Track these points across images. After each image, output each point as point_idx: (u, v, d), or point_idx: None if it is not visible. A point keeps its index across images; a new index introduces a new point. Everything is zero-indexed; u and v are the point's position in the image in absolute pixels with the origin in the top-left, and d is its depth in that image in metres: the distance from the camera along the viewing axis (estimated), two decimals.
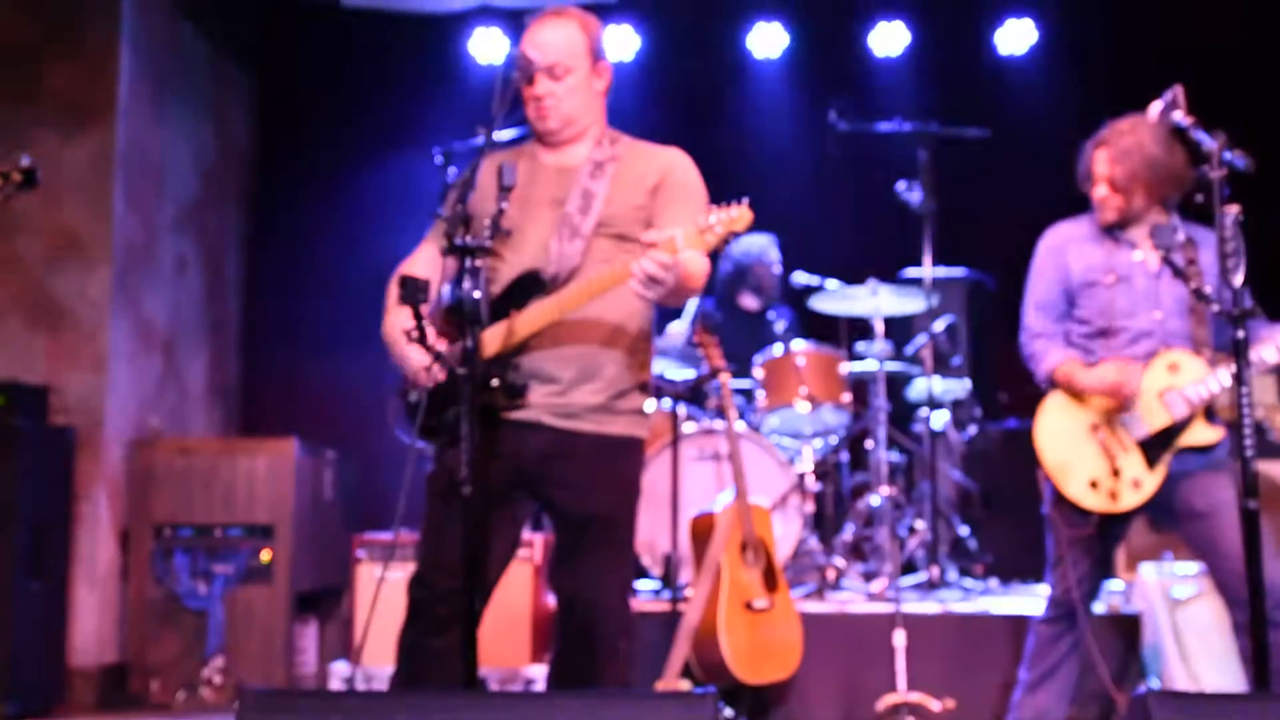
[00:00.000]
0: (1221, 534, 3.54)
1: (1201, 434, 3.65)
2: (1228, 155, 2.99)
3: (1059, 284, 3.83)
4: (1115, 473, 3.65)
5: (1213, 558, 3.63)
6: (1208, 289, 3.50)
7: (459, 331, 2.87)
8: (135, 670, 5.38)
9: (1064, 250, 3.84)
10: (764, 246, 6.37)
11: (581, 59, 3.16)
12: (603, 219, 3.08)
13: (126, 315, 5.65)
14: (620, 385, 3.11)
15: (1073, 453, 3.71)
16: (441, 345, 2.94)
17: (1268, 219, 6.04)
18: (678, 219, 3.00)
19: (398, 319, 3.03)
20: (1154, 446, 3.64)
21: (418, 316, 3.02)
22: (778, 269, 6.31)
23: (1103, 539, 3.75)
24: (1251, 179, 3.12)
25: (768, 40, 7.20)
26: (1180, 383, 3.64)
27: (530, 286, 3.03)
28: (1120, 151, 3.72)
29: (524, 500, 3.16)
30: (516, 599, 4.91)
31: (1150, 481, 3.63)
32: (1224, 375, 3.58)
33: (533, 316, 2.99)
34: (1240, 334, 2.82)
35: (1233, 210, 2.87)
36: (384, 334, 3.14)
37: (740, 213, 2.86)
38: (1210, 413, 3.66)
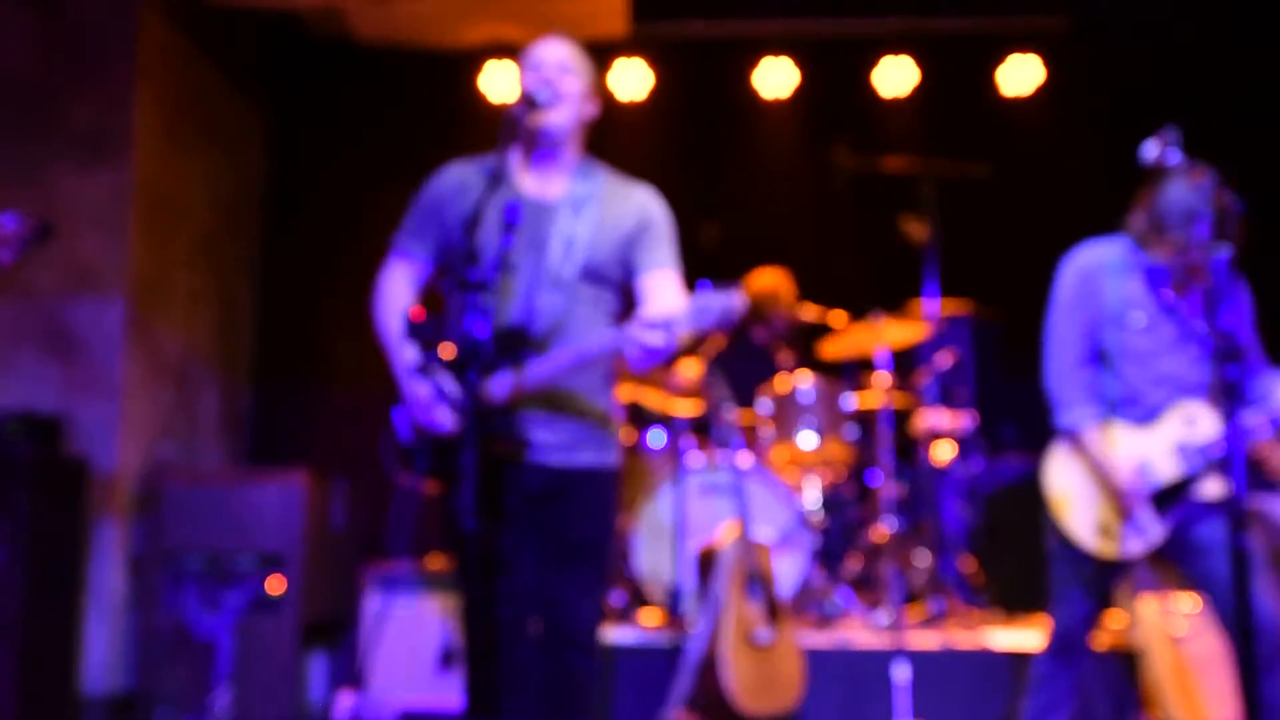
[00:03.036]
0: (1224, 569, 3.48)
1: (1213, 487, 3.59)
2: (1223, 194, 3.03)
3: (1089, 313, 3.70)
4: (1124, 517, 3.63)
5: (1215, 592, 3.61)
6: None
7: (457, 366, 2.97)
8: (144, 699, 5.40)
9: (1096, 276, 3.71)
10: (775, 282, 6.43)
11: (584, 76, 3.27)
12: (585, 266, 3.18)
13: (140, 346, 5.71)
14: (600, 419, 3.26)
15: (1082, 498, 3.68)
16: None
17: (1266, 258, 6.10)
18: (661, 257, 3.22)
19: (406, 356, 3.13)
20: (1164, 498, 3.61)
21: (421, 350, 3.10)
22: (790, 304, 6.37)
23: (1107, 577, 3.76)
24: (1250, 218, 3.15)
25: (776, 78, 7.26)
26: (1196, 437, 3.60)
27: (519, 342, 3.10)
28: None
29: (529, 529, 3.23)
30: None
31: (1159, 529, 3.61)
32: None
33: (537, 376, 3.07)
34: (1231, 371, 2.84)
35: (1223, 249, 2.89)
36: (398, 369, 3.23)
37: (735, 295, 2.88)
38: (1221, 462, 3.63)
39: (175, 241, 6.10)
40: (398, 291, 3.32)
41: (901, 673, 4.59)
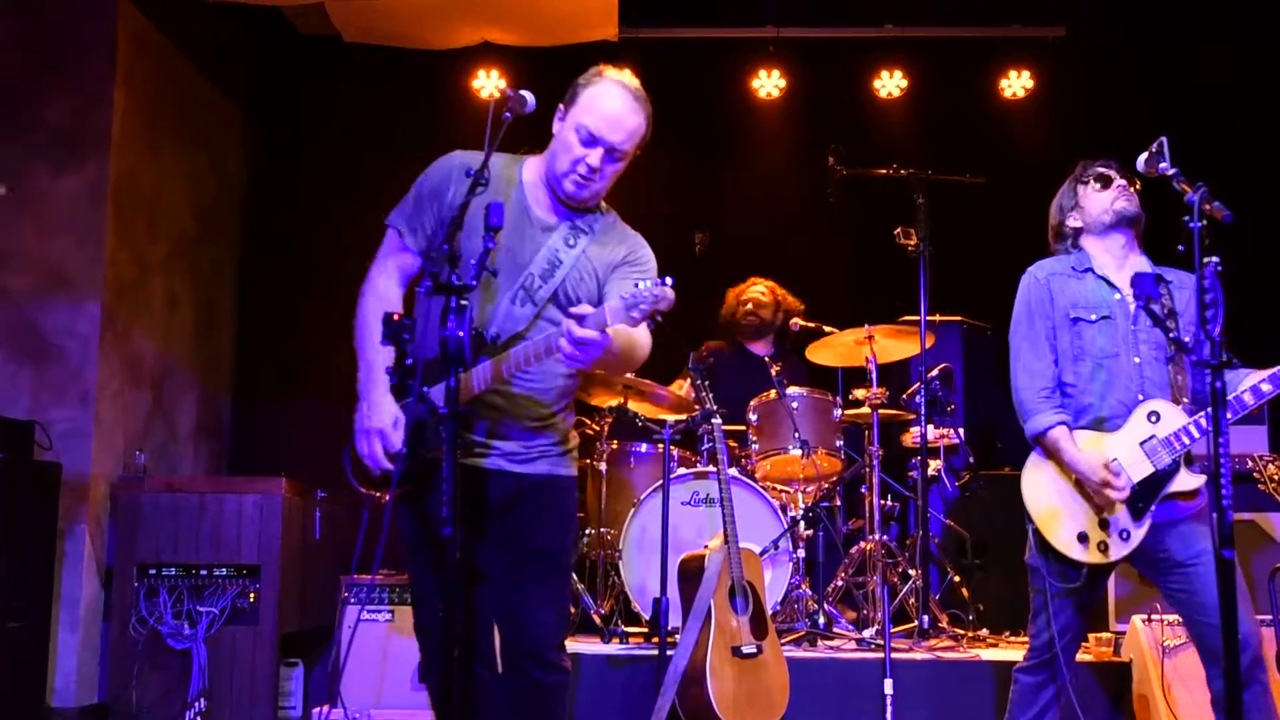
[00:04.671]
0: (1200, 586, 3.52)
1: (1184, 481, 3.62)
2: (1213, 204, 2.99)
3: (1047, 319, 3.79)
4: (1103, 524, 3.63)
5: (1190, 610, 3.60)
6: (1187, 338, 3.52)
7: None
8: (117, 711, 5.30)
9: (1048, 285, 3.82)
10: (748, 284, 6.39)
11: (634, 150, 3.23)
12: (560, 292, 3.16)
13: (115, 351, 5.62)
14: (563, 428, 3.26)
15: (1060, 505, 3.69)
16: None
17: (1261, 259, 6.08)
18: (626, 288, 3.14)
19: (380, 413, 3.10)
20: (1139, 496, 3.62)
21: (401, 356, 3.04)
22: (780, 314, 6.32)
23: (1087, 588, 3.72)
24: (1245, 219, 3.12)
25: (768, 83, 7.22)
26: (1161, 432, 3.62)
27: (477, 348, 3.01)
28: None
29: (493, 537, 3.20)
30: None
31: (1138, 532, 3.61)
32: (1204, 421, 3.55)
33: (482, 377, 3.03)
34: (1219, 385, 2.80)
35: (1212, 260, 2.86)
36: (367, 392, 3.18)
37: (663, 292, 2.81)
38: (1190, 460, 3.63)
39: (153, 244, 6.01)
40: (389, 291, 3.25)
41: (888, 686, 4.52)
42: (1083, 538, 3.63)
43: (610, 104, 3.15)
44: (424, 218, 3.23)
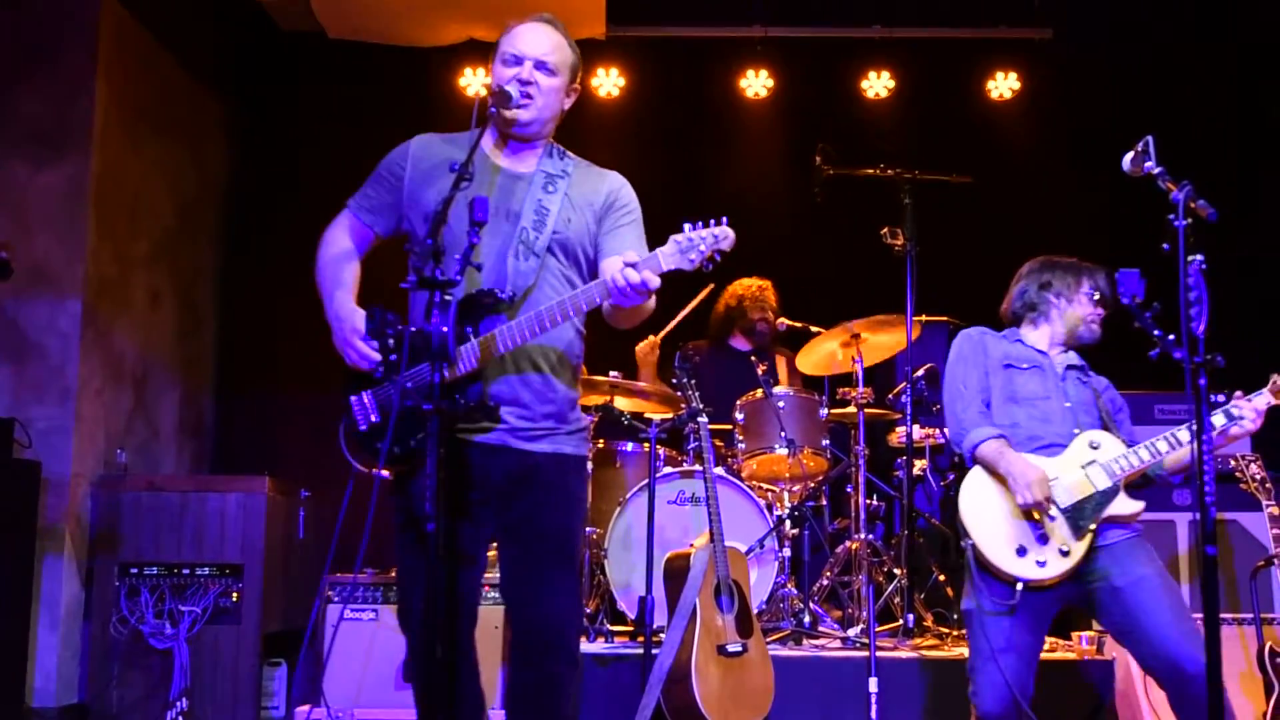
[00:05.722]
0: (1141, 613, 3.54)
1: (1124, 505, 3.68)
2: (1198, 203, 2.99)
3: (980, 366, 3.91)
4: (1042, 539, 3.64)
5: (1131, 641, 3.61)
6: (1118, 430, 3.80)
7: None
8: (97, 712, 5.26)
9: (981, 338, 3.98)
10: (760, 288, 6.38)
11: (567, 70, 3.25)
12: (556, 237, 3.13)
13: (96, 349, 5.57)
14: (568, 406, 3.20)
15: (1000, 521, 3.70)
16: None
17: (1249, 258, 6.09)
18: (627, 242, 3.16)
19: (352, 319, 3.12)
20: (1079, 516, 3.66)
21: (385, 350, 3.03)
22: (772, 312, 6.32)
23: (1030, 622, 3.65)
24: (1231, 220, 3.12)
25: (756, 82, 7.22)
26: (1102, 457, 3.72)
27: (485, 306, 3.02)
28: None
29: (490, 521, 3.16)
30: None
31: (1078, 548, 3.64)
32: (1143, 452, 3.69)
33: (507, 338, 2.98)
34: (1203, 380, 2.82)
35: (1196, 258, 2.87)
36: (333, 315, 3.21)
37: (724, 231, 2.84)
38: (1130, 486, 3.72)
39: (134, 241, 5.97)
40: (343, 243, 3.31)
41: (873, 685, 4.52)
42: (1021, 552, 3.65)
43: (524, 28, 3.24)
44: (386, 199, 3.28)
